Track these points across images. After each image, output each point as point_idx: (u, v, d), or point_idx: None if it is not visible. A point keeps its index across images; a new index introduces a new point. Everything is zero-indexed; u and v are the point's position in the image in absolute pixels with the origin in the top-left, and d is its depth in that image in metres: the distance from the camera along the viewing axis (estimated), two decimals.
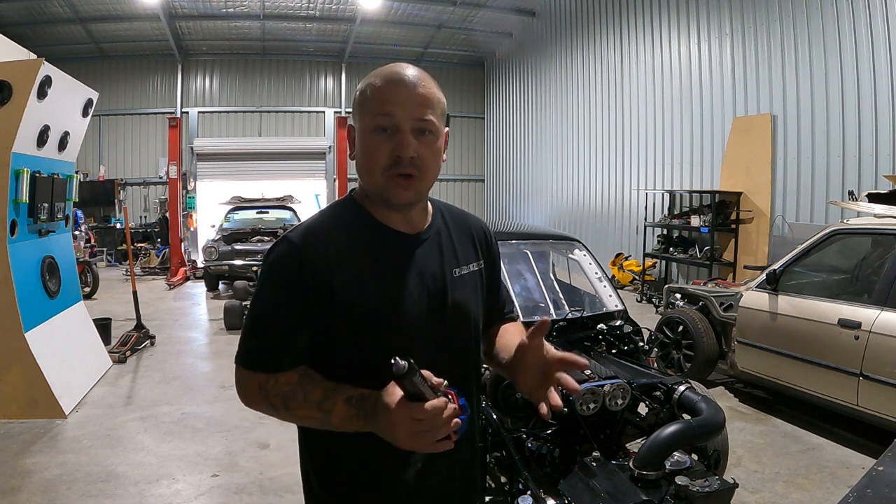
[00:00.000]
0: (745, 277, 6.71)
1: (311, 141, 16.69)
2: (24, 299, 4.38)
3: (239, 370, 1.15)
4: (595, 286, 3.78)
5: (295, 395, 1.09)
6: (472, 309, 1.27)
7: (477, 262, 1.31)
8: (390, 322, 1.14)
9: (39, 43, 13.10)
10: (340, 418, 1.06)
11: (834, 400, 3.98)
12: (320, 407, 1.08)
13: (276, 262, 1.14)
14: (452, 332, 1.22)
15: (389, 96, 1.11)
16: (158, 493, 3.33)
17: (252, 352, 1.14)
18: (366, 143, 1.14)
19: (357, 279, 1.12)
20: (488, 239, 1.37)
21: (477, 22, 14.84)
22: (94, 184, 15.14)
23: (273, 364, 1.11)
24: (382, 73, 1.15)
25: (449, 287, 1.22)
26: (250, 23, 14.50)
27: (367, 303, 1.12)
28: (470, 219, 1.37)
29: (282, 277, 1.12)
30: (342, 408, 1.06)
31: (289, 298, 1.11)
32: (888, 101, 6.23)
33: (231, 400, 4.89)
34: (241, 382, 1.15)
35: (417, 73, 1.15)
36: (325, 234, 1.15)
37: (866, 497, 1.04)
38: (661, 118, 9.89)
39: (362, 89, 1.16)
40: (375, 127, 1.12)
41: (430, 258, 1.21)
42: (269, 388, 1.10)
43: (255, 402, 1.13)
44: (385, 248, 1.18)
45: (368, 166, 1.14)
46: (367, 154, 1.14)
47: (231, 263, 9.25)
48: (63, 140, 5.01)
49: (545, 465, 2.48)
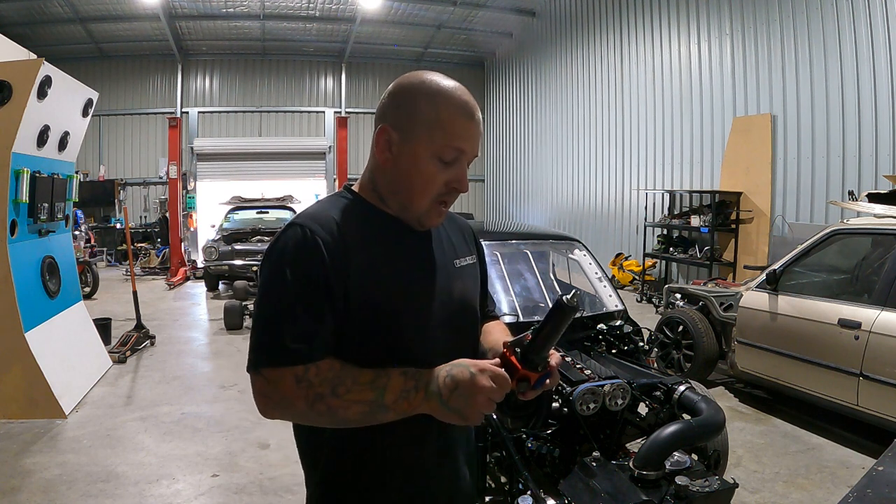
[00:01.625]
0: (745, 277, 6.71)
1: (311, 141, 16.69)
2: (24, 299, 4.37)
3: (266, 372, 1.02)
4: (595, 286, 3.78)
5: (343, 380, 1.02)
6: (474, 299, 1.32)
7: (471, 256, 1.35)
8: (402, 311, 1.14)
9: (39, 43, 13.10)
10: (395, 394, 1.02)
11: (834, 400, 3.98)
12: (374, 385, 1.02)
13: (292, 247, 1.07)
14: (460, 320, 1.25)
15: (464, 132, 1.11)
16: (158, 493, 3.33)
17: (280, 346, 1.02)
18: (422, 167, 1.12)
19: (371, 267, 1.11)
20: (475, 237, 1.43)
21: (477, 22, 14.84)
22: (94, 184, 15.14)
23: (309, 353, 1.02)
24: (457, 102, 1.12)
25: (453, 277, 1.25)
26: (250, 23, 14.50)
27: (379, 290, 1.11)
28: (457, 217, 1.42)
29: (301, 261, 1.05)
30: (398, 381, 1.03)
31: (312, 283, 1.04)
32: (888, 101, 6.23)
33: (231, 400, 4.90)
34: (268, 386, 1.02)
35: (476, 106, 1.16)
36: (338, 220, 1.11)
37: (866, 497, 1.04)
38: (661, 118, 9.89)
39: (433, 108, 1.11)
40: (440, 156, 1.11)
41: (436, 249, 1.24)
42: (310, 378, 1.01)
43: (292, 401, 1.01)
44: (397, 239, 1.18)
45: (418, 189, 1.13)
46: (420, 178, 1.12)
47: (231, 263, 9.26)
48: (63, 140, 5.01)
49: (545, 465, 2.48)
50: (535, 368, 1.04)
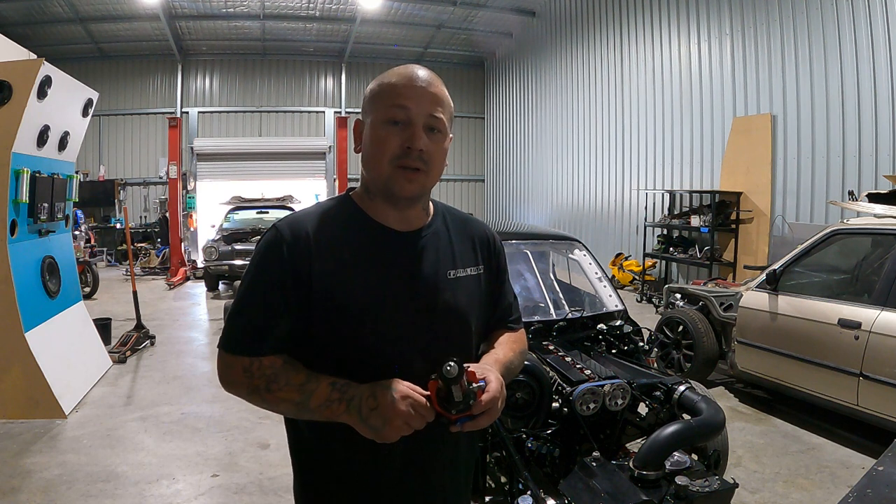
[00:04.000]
0: (745, 277, 6.71)
1: (311, 141, 16.69)
2: (24, 299, 4.37)
3: (222, 354, 1.16)
4: (595, 286, 3.78)
5: (277, 378, 1.11)
6: (466, 312, 1.25)
7: (476, 267, 1.30)
8: (369, 316, 1.14)
9: (39, 43, 13.10)
10: (320, 401, 1.08)
11: (834, 400, 3.98)
12: (302, 389, 1.09)
13: (261, 247, 1.17)
14: (443, 333, 1.21)
15: (404, 91, 1.15)
16: (158, 493, 3.33)
17: (236, 335, 1.15)
18: (376, 134, 1.16)
19: (335, 270, 1.14)
20: (492, 245, 1.36)
21: (477, 22, 14.85)
22: (94, 184, 15.14)
23: (256, 347, 1.13)
24: (397, 72, 1.19)
25: (441, 288, 1.21)
26: (250, 23, 14.50)
27: (344, 294, 1.14)
28: (474, 224, 1.36)
29: (265, 262, 1.16)
30: (325, 390, 1.09)
31: (270, 283, 1.14)
32: (888, 101, 6.23)
33: (231, 400, 4.89)
34: (224, 366, 1.16)
35: (431, 74, 1.20)
36: (311, 224, 1.17)
37: (866, 497, 1.04)
38: (661, 118, 9.89)
39: (376, 85, 1.20)
40: (388, 119, 1.15)
41: (423, 258, 1.21)
42: (253, 370, 1.12)
43: (237, 386, 1.14)
44: (369, 243, 1.19)
45: (376, 156, 1.16)
46: (377, 144, 1.16)
47: (231, 263, 9.26)
48: (63, 140, 5.01)
49: (545, 465, 2.48)
50: (449, 410, 1.08)
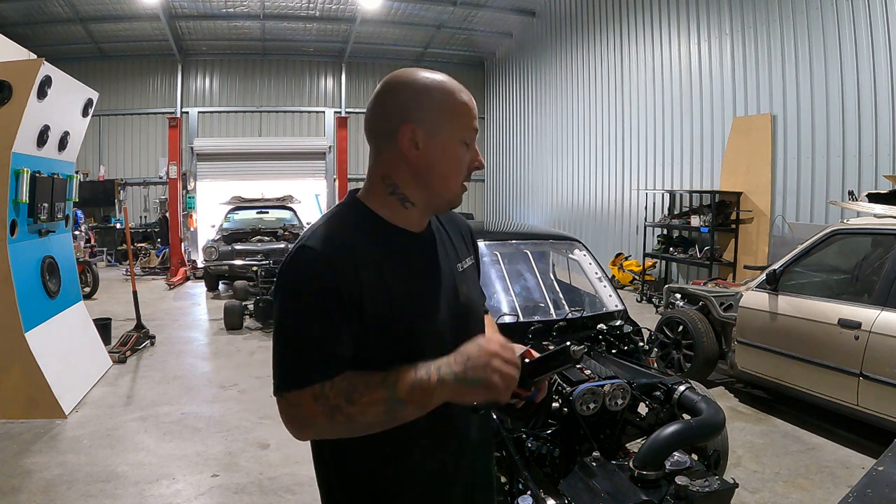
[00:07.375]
0: (745, 277, 6.70)
1: (311, 141, 16.69)
2: (24, 299, 4.37)
3: (289, 395, 1.06)
4: (595, 286, 3.78)
5: (356, 387, 1.05)
6: (477, 302, 1.34)
7: (470, 257, 1.37)
8: (418, 319, 1.16)
9: (39, 43, 13.09)
10: (408, 385, 1.04)
11: (834, 400, 3.98)
12: (384, 383, 1.05)
13: (303, 270, 1.09)
14: (467, 323, 1.26)
15: (474, 114, 1.20)
16: (158, 493, 3.33)
17: (299, 368, 1.07)
18: (455, 154, 1.19)
19: (382, 281, 1.12)
20: (473, 236, 1.45)
21: (477, 22, 14.84)
22: (94, 184, 15.14)
23: (324, 371, 1.06)
24: (460, 89, 1.20)
25: (458, 282, 1.27)
26: (250, 23, 14.50)
27: (394, 303, 1.13)
28: (457, 217, 1.43)
29: (313, 285, 1.08)
30: (408, 374, 1.05)
31: (326, 305, 1.07)
32: (888, 101, 6.23)
33: (231, 400, 4.90)
34: (290, 409, 1.06)
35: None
36: (346, 239, 1.12)
37: (866, 497, 1.04)
38: (661, 118, 9.89)
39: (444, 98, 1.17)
40: (465, 139, 1.19)
41: (440, 255, 1.26)
42: (326, 392, 1.04)
43: (313, 418, 1.06)
44: (403, 250, 1.20)
45: (454, 175, 1.20)
46: (455, 164, 1.19)
47: (231, 263, 9.27)
48: (63, 140, 5.01)
49: (545, 465, 2.48)
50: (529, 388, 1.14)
